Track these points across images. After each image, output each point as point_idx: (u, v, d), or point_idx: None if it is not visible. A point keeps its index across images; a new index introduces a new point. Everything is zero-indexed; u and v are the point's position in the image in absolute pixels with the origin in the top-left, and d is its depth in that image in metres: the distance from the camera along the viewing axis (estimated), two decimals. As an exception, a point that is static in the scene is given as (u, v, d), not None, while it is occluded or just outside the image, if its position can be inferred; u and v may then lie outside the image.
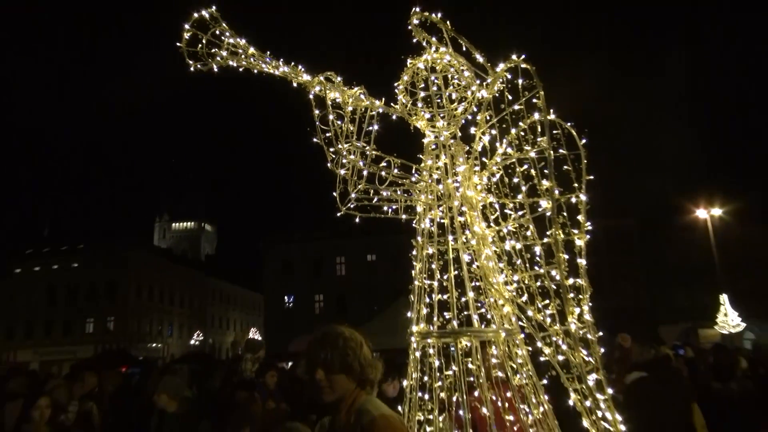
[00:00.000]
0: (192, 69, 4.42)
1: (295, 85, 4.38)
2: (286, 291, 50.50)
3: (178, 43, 4.39)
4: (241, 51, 4.38)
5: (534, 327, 4.02)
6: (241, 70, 4.44)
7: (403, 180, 4.37)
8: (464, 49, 4.45)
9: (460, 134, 4.51)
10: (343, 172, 4.20)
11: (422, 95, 4.38)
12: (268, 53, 4.41)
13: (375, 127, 4.31)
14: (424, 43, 4.49)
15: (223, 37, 4.37)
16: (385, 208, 4.52)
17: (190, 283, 70.55)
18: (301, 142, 4.40)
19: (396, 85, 4.49)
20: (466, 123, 4.55)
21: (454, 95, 4.37)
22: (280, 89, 4.43)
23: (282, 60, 4.40)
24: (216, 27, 4.36)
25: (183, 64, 4.41)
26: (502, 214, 4.43)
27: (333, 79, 4.32)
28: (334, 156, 4.21)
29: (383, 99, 4.45)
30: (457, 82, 4.37)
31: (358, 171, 4.20)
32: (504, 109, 4.25)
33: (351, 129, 4.23)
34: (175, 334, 66.43)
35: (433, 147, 4.43)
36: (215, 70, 4.42)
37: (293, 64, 4.40)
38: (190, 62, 4.41)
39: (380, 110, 4.40)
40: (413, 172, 4.42)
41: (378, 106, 4.39)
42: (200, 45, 4.37)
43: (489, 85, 4.35)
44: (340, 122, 4.22)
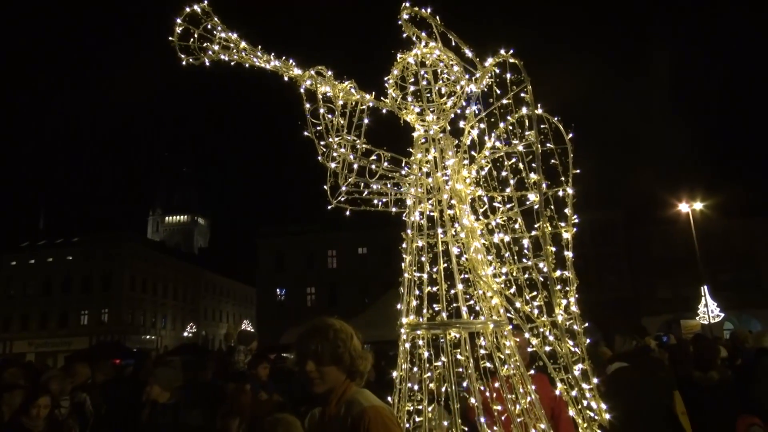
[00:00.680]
0: (184, 63, 4.43)
1: (286, 79, 4.40)
2: (278, 283, 50.64)
3: (170, 37, 4.39)
4: (232, 45, 4.39)
5: (522, 318, 4.07)
6: (232, 64, 4.44)
7: (393, 173, 4.40)
8: (453, 44, 4.48)
9: (449, 128, 4.54)
10: (333, 165, 4.23)
11: (412, 89, 4.40)
12: (260, 47, 4.43)
13: (365, 121, 4.33)
14: (414, 38, 4.50)
15: (215, 31, 4.38)
16: (375, 201, 4.55)
17: (183, 275, 70.54)
18: (294, 136, 4.43)
19: (386, 79, 4.50)
20: (455, 117, 4.58)
21: (443, 89, 4.40)
22: (273, 83, 4.45)
23: (273, 54, 4.41)
24: (208, 21, 4.37)
25: (175, 58, 4.42)
26: (490, 207, 4.48)
27: (324, 73, 4.33)
28: (324, 149, 4.23)
29: (373, 93, 4.47)
30: (446, 77, 4.40)
31: (348, 164, 4.22)
32: (492, 103, 4.30)
33: (341, 123, 4.25)
34: (168, 326, 66.45)
35: (423, 141, 4.46)
36: (207, 64, 4.42)
37: (284, 58, 4.41)
38: (182, 56, 4.42)
39: (370, 104, 4.42)
40: (403, 166, 4.44)
41: (368, 100, 4.41)
42: (192, 39, 4.38)
43: (478, 80, 4.40)
44: (330, 116, 4.23)
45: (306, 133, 4.24)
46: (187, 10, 4.35)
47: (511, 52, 4.10)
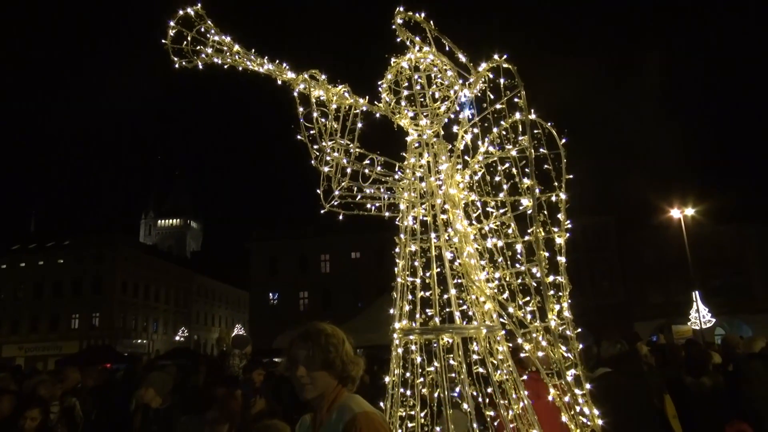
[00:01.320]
0: (177, 66, 4.41)
1: (279, 82, 4.39)
2: (271, 288, 50.47)
3: (164, 40, 4.38)
4: (226, 48, 4.38)
5: (515, 324, 4.07)
6: (226, 67, 4.44)
7: (387, 178, 4.40)
8: (447, 48, 4.49)
9: (442, 132, 4.55)
10: (326, 169, 4.22)
11: (406, 94, 4.41)
12: (253, 51, 4.42)
13: (359, 125, 4.33)
14: (408, 43, 4.51)
15: (208, 34, 4.37)
16: (369, 206, 4.54)
17: (175, 279, 70.16)
18: (287, 140, 4.42)
19: (380, 83, 4.51)
20: (448, 121, 4.59)
21: (437, 94, 4.40)
22: (266, 87, 4.44)
23: (266, 57, 4.41)
24: (201, 24, 4.36)
25: (169, 61, 4.41)
26: (483, 212, 4.48)
27: (317, 77, 4.33)
28: (318, 153, 4.22)
29: (367, 97, 4.47)
30: (440, 81, 4.40)
31: (341, 168, 4.22)
32: (486, 108, 4.30)
33: (335, 127, 4.24)
34: (160, 330, 66.02)
35: (416, 145, 4.46)
36: (200, 67, 4.42)
37: (278, 61, 4.40)
38: (175, 59, 4.41)
39: (364, 108, 4.42)
40: (396, 170, 4.44)
41: (362, 104, 4.41)
42: (185, 42, 4.36)
43: (471, 85, 4.40)
44: (324, 120, 4.23)
45: (299, 137, 4.23)
46: (181, 13, 4.33)
47: (505, 57, 4.11)
